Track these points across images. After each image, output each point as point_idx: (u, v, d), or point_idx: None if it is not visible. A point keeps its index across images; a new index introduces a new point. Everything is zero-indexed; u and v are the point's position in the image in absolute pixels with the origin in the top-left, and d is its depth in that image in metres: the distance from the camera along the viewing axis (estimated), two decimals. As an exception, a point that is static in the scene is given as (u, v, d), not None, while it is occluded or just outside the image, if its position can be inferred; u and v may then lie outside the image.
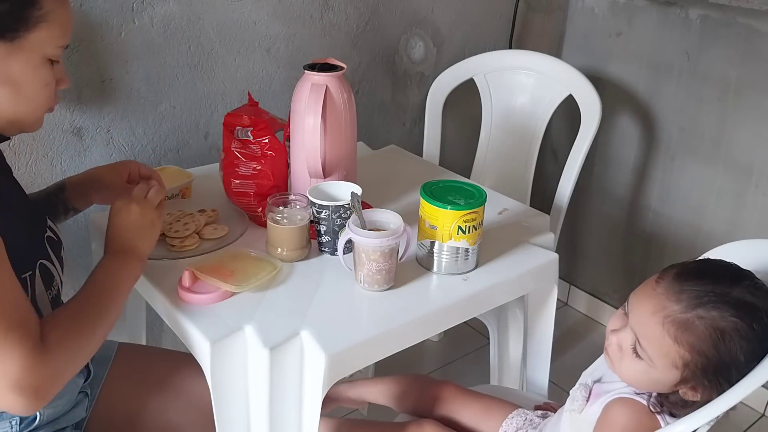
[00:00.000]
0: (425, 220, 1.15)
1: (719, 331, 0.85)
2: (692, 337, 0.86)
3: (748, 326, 0.85)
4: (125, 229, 1.00)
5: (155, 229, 1.04)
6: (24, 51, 0.86)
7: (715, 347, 0.86)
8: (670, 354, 0.88)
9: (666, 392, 0.93)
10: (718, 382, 0.88)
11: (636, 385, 0.95)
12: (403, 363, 1.47)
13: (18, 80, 0.87)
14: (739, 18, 1.78)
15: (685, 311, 0.87)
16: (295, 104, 1.27)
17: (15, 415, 0.94)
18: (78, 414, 1.07)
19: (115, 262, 0.98)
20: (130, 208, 1.01)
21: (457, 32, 2.06)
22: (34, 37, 0.86)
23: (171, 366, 1.22)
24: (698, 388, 0.90)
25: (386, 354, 1.07)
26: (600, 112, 1.82)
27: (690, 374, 0.89)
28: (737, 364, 0.86)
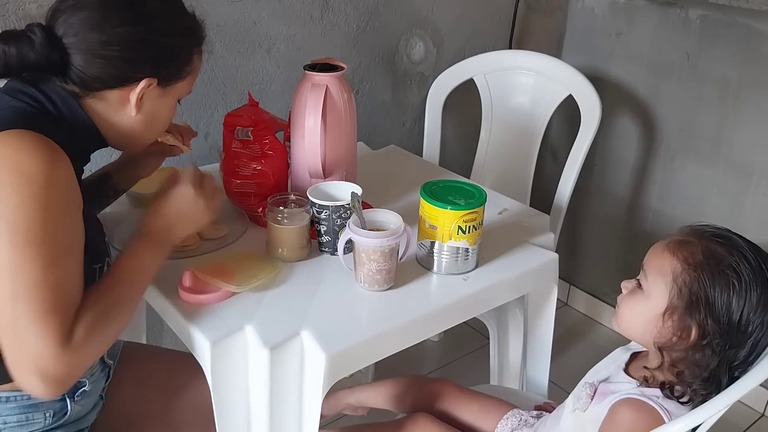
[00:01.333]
0: (425, 220, 1.15)
1: (714, 252, 0.92)
2: (687, 251, 0.93)
3: (740, 260, 0.91)
4: (180, 217, 1.03)
5: (201, 221, 1.06)
6: (170, 95, 1.02)
7: (704, 263, 0.92)
8: (663, 268, 0.94)
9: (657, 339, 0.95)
10: (702, 306, 0.90)
11: (631, 322, 0.99)
12: (403, 363, 1.47)
13: (158, 116, 1.02)
14: (739, 18, 1.78)
15: (688, 235, 0.96)
16: (295, 104, 1.27)
17: (50, 407, 0.97)
18: (92, 417, 1.08)
19: (149, 247, 0.99)
20: (198, 201, 1.04)
21: (457, 32, 2.06)
22: (180, 86, 1.02)
23: (172, 366, 1.22)
24: (682, 319, 0.92)
25: (386, 354, 1.07)
26: (600, 112, 1.82)
27: (676, 294, 0.92)
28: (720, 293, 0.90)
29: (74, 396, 0.99)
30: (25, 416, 0.95)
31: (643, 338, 0.99)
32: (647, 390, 0.96)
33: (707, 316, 0.90)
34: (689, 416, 0.90)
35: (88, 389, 1.02)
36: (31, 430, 0.96)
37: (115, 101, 0.96)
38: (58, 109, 0.93)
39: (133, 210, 1.34)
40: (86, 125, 0.96)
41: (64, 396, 0.98)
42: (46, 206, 0.82)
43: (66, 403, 0.98)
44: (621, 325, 1.01)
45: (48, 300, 0.81)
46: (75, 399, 1.00)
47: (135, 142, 1.05)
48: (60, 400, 0.98)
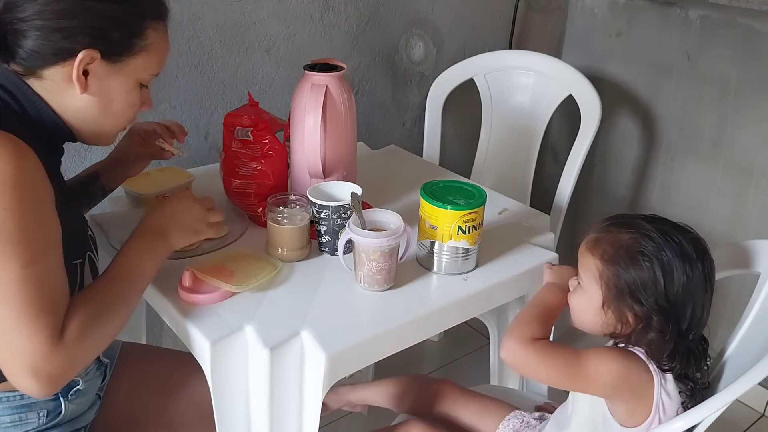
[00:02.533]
0: (425, 220, 1.15)
1: (621, 243, 0.97)
2: (601, 249, 0.98)
3: (645, 243, 0.95)
4: (174, 217, 1.04)
5: (195, 236, 1.08)
6: (122, 74, 0.94)
7: (617, 257, 0.96)
8: (590, 268, 0.99)
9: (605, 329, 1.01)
10: (629, 295, 0.95)
11: (580, 317, 1.04)
12: (403, 363, 1.47)
13: (111, 98, 0.95)
14: (739, 18, 1.78)
15: (597, 232, 1.01)
16: (295, 104, 1.27)
17: (44, 407, 0.96)
18: (90, 416, 1.08)
19: (145, 244, 1.00)
20: (194, 206, 1.06)
21: (457, 32, 2.06)
22: (134, 63, 0.95)
23: (172, 366, 1.22)
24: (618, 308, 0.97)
25: (386, 354, 1.07)
26: (600, 112, 1.82)
27: (605, 288, 0.97)
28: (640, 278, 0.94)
29: (68, 395, 0.99)
30: (19, 416, 0.94)
31: (594, 330, 1.03)
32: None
33: (636, 303, 0.95)
34: (687, 415, 0.90)
35: (82, 388, 1.01)
36: (25, 430, 0.95)
37: (59, 80, 0.91)
38: (17, 101, 0.91)
39: (133, 210, 1.34)
40: (43, 112, 0.93)
41: (58, 395, 0.97)
42: (16, 204, 0.80)
43: (60, 403, 0.98)
44: (574, 321, 1.06)
45: (33, 299, 0.81)
46: (69, 398, 0.99)
47: (97, 131, 0.99)
48: (54, 399, 0.97)
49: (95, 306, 0.88)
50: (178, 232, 1.04)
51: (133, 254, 0.98)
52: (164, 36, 0.99)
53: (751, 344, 1.03)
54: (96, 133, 0.99)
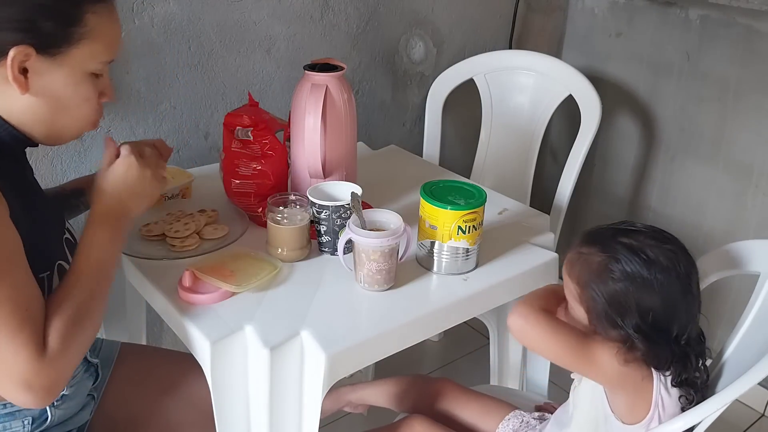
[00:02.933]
0: (425, 220, 1.15)
1: (591, 265, 0.96)
2: (576, 272, 0.98)
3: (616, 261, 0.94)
4: (128, 189, 0.96)
5: (152, 200, 1.00)
6: (66, 66, 0.87)
7: (590, 280, 0.95)
8: (572, 291, 0.99)
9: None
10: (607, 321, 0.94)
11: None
12: (403, 363, 1.47)
13: (59, 94, 0.88)
14: (739, 18, 1.78)
15: (573, 251, 1.00)
16: (295, 104, 1.27)
17: (28, 414, 0.95)
18: (84, 417, 1.07)
19: (106, 231, 0.93)
20: (144, 172, 0.97)
21: (457, 32, 2.06)
22: (77, 53, 0.87)
23: (172, 366, 1.22)
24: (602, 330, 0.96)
25: (386, 354, 1.07)
26: (600, 112, 1.82)
27: (587, 308, 0.96)
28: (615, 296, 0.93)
29: (53, 401, 0.97)
30: (2, 426, 0.93)
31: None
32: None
33: (616, 324, 0.94)
34: (687, 415, 0.90)
35: (68, 393, 1.00)
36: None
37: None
38: None
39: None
40: None
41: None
42: None
43: (45, 409, 0.97)
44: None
45: (8, 317, 0.79)
46: (55, 404, 0.98)
47: (53, 133, 0.92)
48: None
49: (71, 309, 0.86)
50: (136, 203, 0.98)
51: (96, 243, 0.92)
52: (109, 19, 0.90)
53: (751, 344, 1.03)
54: (53, 134, 0.93)
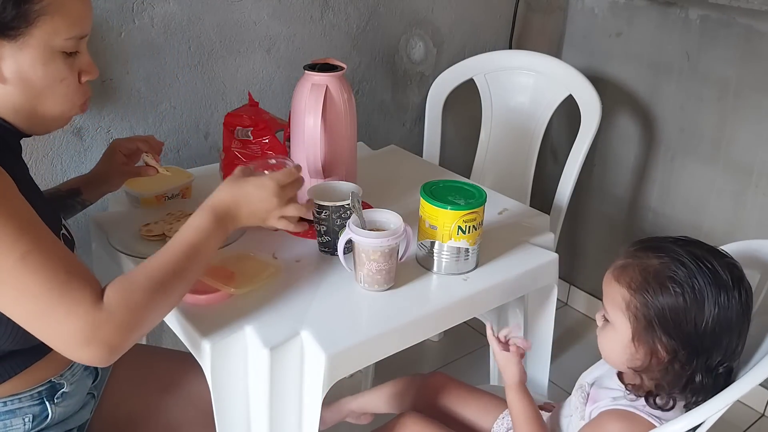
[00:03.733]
0: (425, 220, 1.15)
1: (649, 270, 0.92)
2: (628, 277, 0.93)
3: (677, 269, 0.90)
4: (247, 203, 0.99)
5: (264, 224, 1.02)
6: (29, 47, 0.84)
7: (645, 282, 0.91)
8: (616, 299, 0.94)
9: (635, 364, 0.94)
10: (658, 324, 0.90)
11: (609, 355, 0.99)
12: (403, 363, 1.47)
13: (29, 77, 0.86)
14: (739, 18, 1.78)
15: (625, 258, 0.96)
16: (295, 104, 1.27)
17: (28, 412, 0.95)
18: (84, 415, 1.07)
19: (209, 221, 0.95)
20: (271, 199, 1.00)
21: (457, 32, 2.06)
22: (38, 32, 0.84)
23: (172, 366, 1.22)
24: (648, 341, 0.92)
25: (386, 354, 1.07)
26: (600, 112, 1.82)
27: (634, 320, 0.92)
28: (671, 310, 0.89)
29: (54, 398, 0.98)
30: (3, 423, 0.93)
31: (624, 366, 0.97)
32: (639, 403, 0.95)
33: (664, 334, 0.90)
34: (689, 416, 0.90)
35: (68, 390, 1.00)
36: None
37: None
38: None
39: (133, 210, 1.34)
40: None
41: (43, 399, 0.96)
42: None
43: (46, 407, 0.97)
44: (606, 359, 1.01)
45: (51, 278, 0.79)
46: (55, 401, 0.98)
47: (37, 119, 0.91)
48: (39, 403, 0.96)
49: (143, 276, 0.87)
50: (247, 218, 1.00)
51: (196, 227, 0.94)
52: None
53: (751, 345, 1.03)
54: (36, 121, 0.91)
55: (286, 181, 1.02)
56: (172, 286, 0.90)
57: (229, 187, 0.99)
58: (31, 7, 0.82)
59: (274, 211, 1.01)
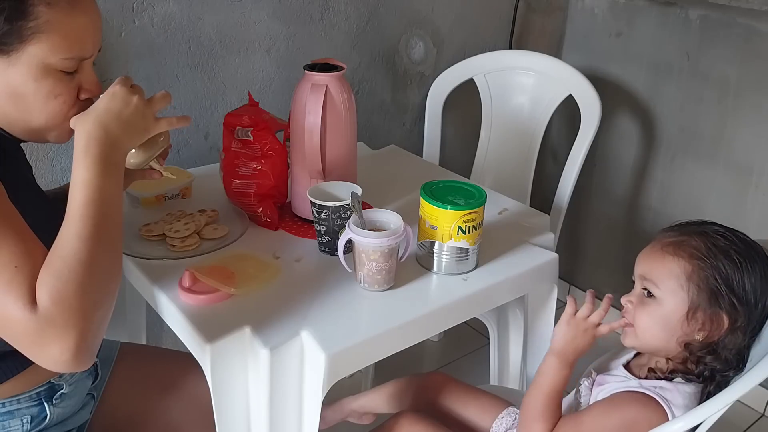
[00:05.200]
0: (425, 220, 1.15)
1: (711, 241, 0.94)
2: (689, 249, 0.95)
3: (735, 242, 0.94)
4: (113, 118, 0.88)
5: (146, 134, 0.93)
6: (21, 63, 0.83)
7: (710, 252, 0.93)
8: (673, 272, 0.94)
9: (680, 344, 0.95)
10: (724, 294, 0.92)
11: (652, 335, 0.97)
12: (403, 363, 1.47)
13: (20, 92, 0.85)
14: (739, 18, 1.78)
15: (677, 236, 0.97)
16: (295, 104, 1.27)
17: (27, 413, 0.95)
18: (83, 416, 1.07)
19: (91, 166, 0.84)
20: (129, 98, 0.90)
21: (457, 32, 2.06)
22: (32, 49, 0.82)
23: (172, 366, 1.22)
24: (707, 313, 0.93)
25: (386, 354, 1.07)
26: (600, 112, 1.82)
27: (695, 292, 0.93)
28: (736, 276, 0.92)
29: (52, 399, 0.98)
30: (1, 424, 0.92)
31: (666, 345, 0.97)
32: (646, 382, 0.97)
33: (733, 302, 0.92)
34: (688, 416, 0.90)
35: (67, 391, 1.00)
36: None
37: None
38: None
39: (133, 210, 1.34)
40: None
41: (42, 400, 0.96)
42: None
43: (44, 407, 0.97)
44: (641, 339, 0.99)
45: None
46: (54, 402, 0.98)
47: (32, 130, 0.90)
48: (37, 404, 0.96)
49: (59, 261, 0.79)
50: (125, 134, 0.89)
51: (81, 183, 0.84)
52: (71, 10, 0.84)
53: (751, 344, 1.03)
54: (31, 133, 0.90)
55: (130, 81, 0.92)
56: (96, 258, 0.81)
57: (84, 121, 0.87)
58: (24, 24, 0.81)
59: (145, 110, 0.92)
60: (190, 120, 1.01)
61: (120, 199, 0.88)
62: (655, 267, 0.97)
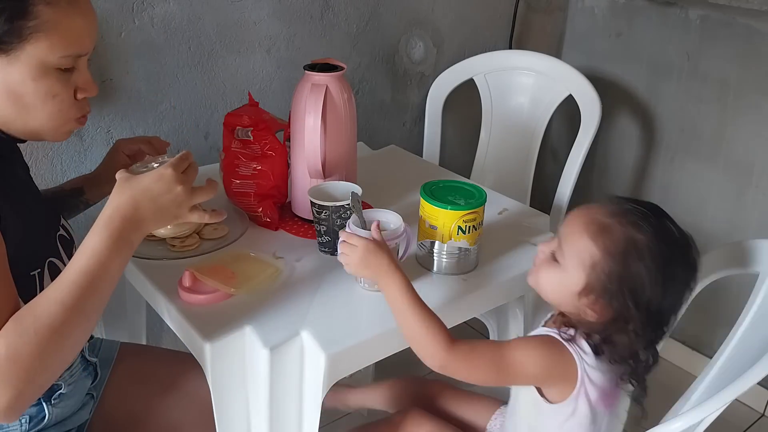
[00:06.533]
0: (425, 220, 1.15)
1: (634, 242, 0.90)
2: (608, 240, 0.91)
3: (660, 247, 0.90)
4: (150, 201, 0.87)
5: (173, 220, 0.91)
6: (20, 62, 0.83)
7: (625, 254, 0.90)
8: (582, 252, 0.93)
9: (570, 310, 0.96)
10: (620, 294, 0.90)
11: (546, 292, 0.99)
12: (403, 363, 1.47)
13: (19, 91, 0.85)
14: (739, 18, 1.78)
15: (610, 217, 0.93)
16: (295, 104, 1.27)
17: (25, 413, 0.94)
18: (83, 416, 1.07)
19: (105, 238, 0.83)
20: (174, 188, 0.88)
21: (457, 32, 2.06)
22: (31, 49, 0.83)
23: (172, 366, 1.22)
24: (598, 301, 0.92)
25: (386, 354, 1.07)
26: (600, 112, 1.82)
27: (594, 279, 0.92)
28: (640, 282, 0.90)
29: (51, 399, 0.97)
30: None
31: (556, 305, 1.00)
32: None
33: (629, 304, 0.90)
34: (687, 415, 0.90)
35: (65, 391, 1.00)
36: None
37: None
38: None
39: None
40: None
41: (40, 400, 0.96)
42: None
43: (43, 407, 0.96)
44: (537, 289, 1.01)
45: None
46: (52, 402, 0.97)
47: (31, 130, 0.89)
48: (36, 404, 0.95)
49: (33, 321, 0.78)
50: (153, 219, 0.88)
51: (90, 250, 0.83)
52: (71, 10, 0.84)
53: (751, 344, 1.03)
54: (30, 132, 0.90)
55: (184, 166, 0.91)
56: (69, 329, 0.80)
57: (122, 191, 0.87)
58: (25, 24, 0.81)
59: (184, 201, 0.89)
60: (224, 216, 0.99)
61: (119, 276, 0.86)
62: (570, 239, 0.96)
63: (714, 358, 1.08)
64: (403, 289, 0.96)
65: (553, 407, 0.96)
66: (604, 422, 0.97)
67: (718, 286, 1.18)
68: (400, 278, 0.97)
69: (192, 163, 0.93)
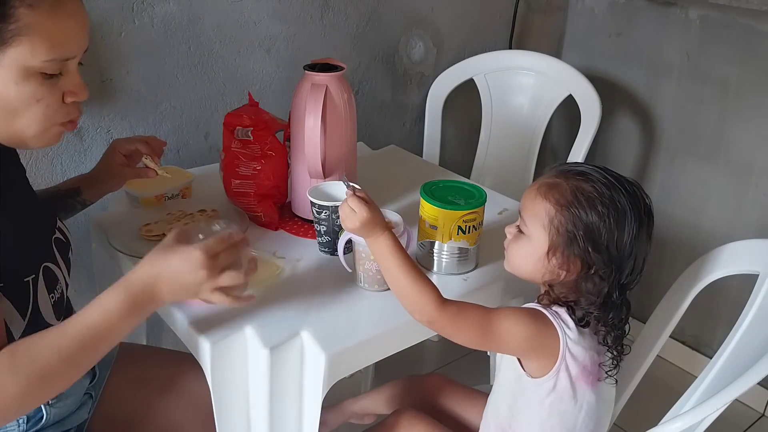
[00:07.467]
0: (425, 220, 1.15)
1: (581, 190, 0.96)
2: (558, 194, 0.97)
3: (608, 192, 0.95)
4: (172, 277, 0.87)
5: (192, 297, 0.91)
6: (2, 67, 0.80)
7: (575, 202, 0.95)
8: (539, 213, 0.98)
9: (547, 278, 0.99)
10: (579, 240, 0.95)
11: (519, 264, 1.03)
12: (403, 363, 1.47)
13: (2, 96, 0.82)
14: (739, 18, 1.78)
15: (557, 177, 1.00)
16: (295, 104, 1.27)
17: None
18: (81, 416, 1.07)
19: (120, 302, 0.84)
20: (200, 271, 0.87)
21: (457, 32, 2.06)
22: (13, 52, 0.79)
23: (172, 366, 1.22)
24: (565, 255, 0.96)
25: (386, 354, 1.07)
26: (600, 112, 1.82)
27: (555, 234, 0.96)
28: (596, 226, 0.94)
29: (49, 400, 0.97)
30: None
31: (532, 277, 1.02)
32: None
33: (588, 249, 0.95)
34: (687, 415, 0.90)
35: (64, 392, 0.98)
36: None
37: None
38: None
39: (133, 210, 1.34)
40: None
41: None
42: None
43: (40, 407, 0.96)
44: (512, 269, 1.05)
45: None
46: (50, 402, 0.97)
47: (17, 136, 0.87)
48: None
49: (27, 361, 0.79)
50: (170, 294, 0.88)
51: (102, 307, 0.84)
52: (54, 12, 0.81)
53: (751, 344, 1.03)
54: (14, 138, 0.87)
55: (218, 249, 0.89)
56: (60, 377, 0.82)
57: (151, 261, 0.88)
58: (5, 27, 0.78)
59: (205, 283, 0.88)
60: (252, 301, 0.99)
61: (121, 339, 0.87)
62: (527, 206, 1.01)
63: (714, 358, 1.08)
64: (393, 245, 0.99)
65: (535, 381, 0.98)
66: (585, 400, 0.99)
67: (718, 286, 1.18)
68: (391, 236, 0.99)
69: (229, 246, 0.91)
